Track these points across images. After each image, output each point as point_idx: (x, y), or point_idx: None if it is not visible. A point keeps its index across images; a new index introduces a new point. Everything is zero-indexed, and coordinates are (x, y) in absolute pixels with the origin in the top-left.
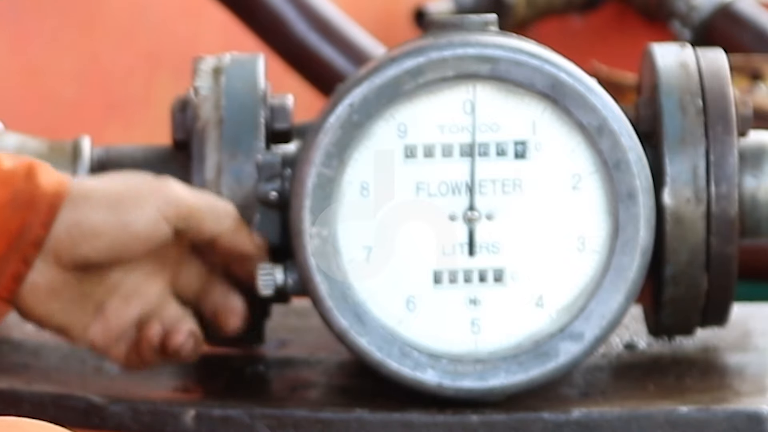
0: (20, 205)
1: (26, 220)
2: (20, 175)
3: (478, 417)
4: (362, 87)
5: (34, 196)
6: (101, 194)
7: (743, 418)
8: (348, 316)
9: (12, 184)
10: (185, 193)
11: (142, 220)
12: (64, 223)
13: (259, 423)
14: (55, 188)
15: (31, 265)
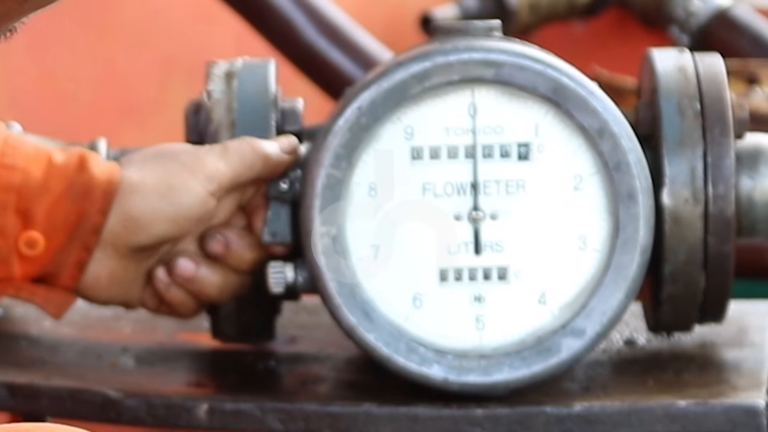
0: (76, 196)
1: (84, 209)
2: (73, 167)
3: (483, 411)
4: (370, 91)
5: (89, 186)
6: (151, 184)
7: (740, 412)
8: (356, 313)
9: (66, 177)
10: (222, 165)
11: (192, 202)
12: (118, 212)
13: (270, 417)
14: (107, 176)
15: (92, 252)
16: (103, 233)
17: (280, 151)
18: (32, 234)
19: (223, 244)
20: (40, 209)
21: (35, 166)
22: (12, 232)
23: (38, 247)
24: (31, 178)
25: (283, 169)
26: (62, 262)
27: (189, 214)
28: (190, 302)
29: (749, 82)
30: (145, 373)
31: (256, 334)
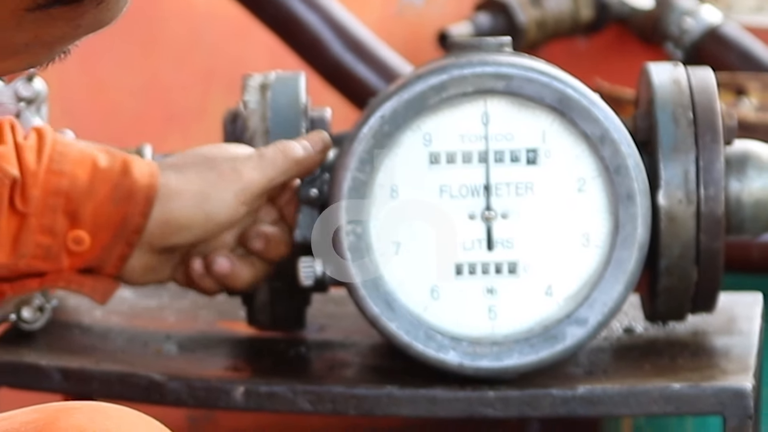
0: (120, 199)
1: (127, 211)
2: (117, 171)
3: (495, 393)
4: (392, 101)
5: (132, 189)
6: (188, 191)
7: (729, 394)
8: (379, 304)
9: (110, 180)
10: (256, 175)
11: (224, 210)
12: (157, 216)
13: (301, 398)
14: (148, 180)
15: (134, 248)
16: (145, 228)
17: (311, 150)
18: (79, 233)
19: (263, 242)
20: (86, 211)
21: (81, 170)
22: (61, 232)
23: (84, 245)
24: (77, 182)
25: (315, 166)
26: (106, 257)
27: (220, 222)
28: (218, 289)
29: (738, 94)
30: (187, 358)
31: (288, 323)
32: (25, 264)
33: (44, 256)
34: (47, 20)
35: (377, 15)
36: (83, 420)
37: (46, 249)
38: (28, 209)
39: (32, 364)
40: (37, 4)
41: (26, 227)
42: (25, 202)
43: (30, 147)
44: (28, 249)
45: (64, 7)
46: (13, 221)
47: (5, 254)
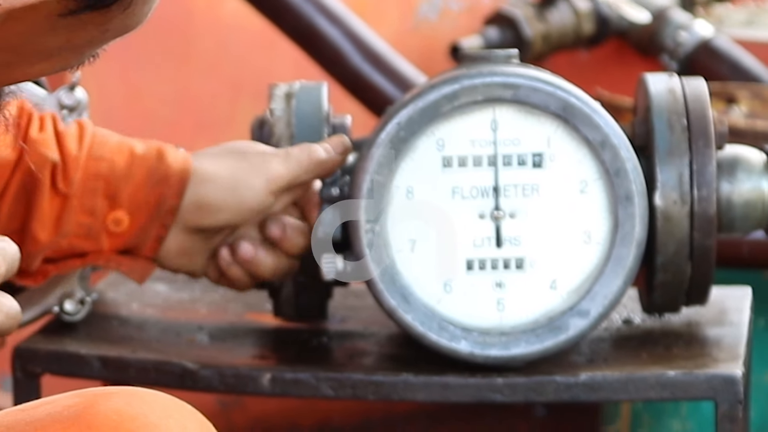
0: (156, 182)
1: (162, 193)
2: (152, 156)
3: (503, 380)
4: (408, 109)
5: (167, 173)
6: (221, 177)
7: (720, 381)
8: (396, 297)
9: (147, 165)
10: (282, 169)
11: (254, 197)
12: (191, 197)
13: (323, 384)
14: (182, 165)
15: (169, 229)
16: (179, 209)
17: (333, 153)
18: (118, 214)
19: (281, 229)
20: (125, 193)
21: (119, 157)
22: (101, 212)
23: (123, 225)
24: (116, 167)
25: (336, 168)
26: (144, 237)
27: (250, 207)
28: (247, 279)
29: (728, 102)
30: (218, 347)
31: (311, 315)
32: (67, 243)
33: (85, 236)
34: (78, 25)
35: (394, 29)
36: (120, 404)
37: (87, 228)
38: (70, 191)
39: (74, 353)
40: (69, 10)
41: (68, 208)
42: (68, 184)
43: (71, 135)
44: (70, 228)
45: (94, 12)
46: (55, 202)
47: (48, 233)
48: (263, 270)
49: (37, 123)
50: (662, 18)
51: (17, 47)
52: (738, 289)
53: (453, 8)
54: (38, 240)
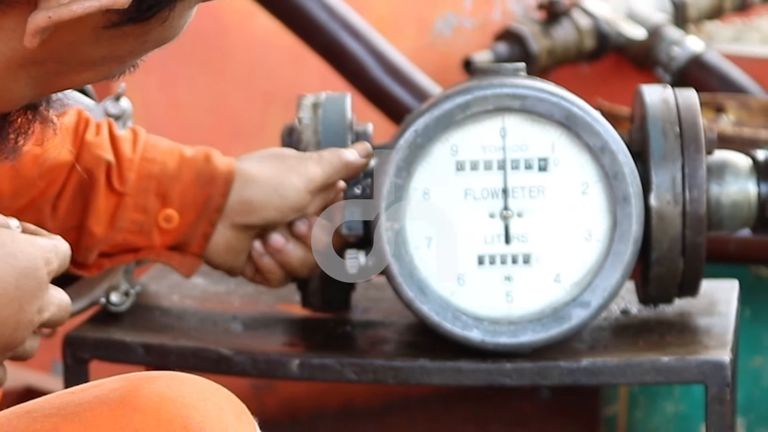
0: (203, 182)
1: (209, 193)
2: (200, 159)
3: (512, 365)
4: (424, 117)
5: (213, 174)
6: (264, 178)
7: (710, 366)
8: (413, 289)
9: (195, 167)
10: (318, 170)
11: (295, 196)
12: (236, 196)
13: (347, 369)
14: (227, 167)
15: (215, 227)
16: (225, 208)
17: (358, 157)
18: (169, 212)
19: (307, 227)
20: (175, 192)
21: (170, 159)
22: (153, 210)
23: (173, 222)
24: (167, 168)
25: (360, 170)
26: (192, 234)
27: (291, 205)
28: (278, 272)
29: (717, 111)
30: (251, 335)
31: (336, 306)
32: (121, 238)
33: (138, 231)
34: (120, 36)
35: (412, 44)
36: (162, 387)
37: (140, 225)
38: (125, 189)
39: (119, 340)
40: (112, 22)
41: (123, 205)
42: (123, 183)
43: (126, 139)
44: (124, 224)
45: (135, 24)
46: (111, 199)
47: (103, 228)
48: (293, 261)
49: (94, 128)
50: (657, 34)
51: (65, 57)
52: (726, 282)
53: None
54: (94, 235)
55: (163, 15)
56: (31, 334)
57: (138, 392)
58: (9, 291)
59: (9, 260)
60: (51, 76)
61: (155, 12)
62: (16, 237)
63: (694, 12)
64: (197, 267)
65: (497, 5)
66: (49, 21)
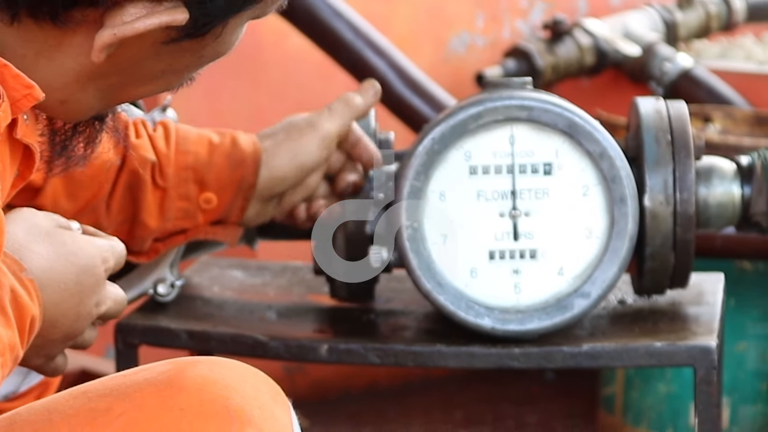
0: (234, 165)
1: (241, 174)
2: (227, 144)
3: (520, 349)
4: (441, 126)
5: (242, 156)
6: (283, 151)
7: (699, 350)
8: (431, 282)
9: (224, 152)
10: (328, 125)
11: (310, 158)
12: (264, 173)
13: (371, 354)
14: (252, 148)
15: (250, 201)
16: (257, 184)
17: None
18: (208, 195)
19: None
20: (210, 177)
21: (201, 148)
22: (194, 196)
23: (213, 203)
24: (200, 157)
25: (369, 109)
26: (230, 209)
27: (309, 168)
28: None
29: (705, 121)
30: (284, 323)
31: (361, 296)
32: (171, 225)
33: (184, 217)
34: (178, 51)
35: (429, 60)
36: (205, 370)
37: (185, 211)
38: (167, 183)
39: (165, 327)
40: (171, 38)
41: (167, 197)
42: (164, 178)
43: (159, 136)
44: (172, 213)
45: (192, 40)
46: (156, 194)
47: (155, 220)
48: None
49: (133, 130)
50: (650, 51)
51: (128, 70)
52: (713, 275)
53: (478, 43)
54: (148, 226)
55: (217, 31)
56: (89, 326)
57: (183, 375)
58: (70, 286)
59: (70, 258)
60: (116, 89)
61: (210, 28)
62: (77, 237)
63: (684, 31)
64: (239, 235)
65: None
66: (114, 38)
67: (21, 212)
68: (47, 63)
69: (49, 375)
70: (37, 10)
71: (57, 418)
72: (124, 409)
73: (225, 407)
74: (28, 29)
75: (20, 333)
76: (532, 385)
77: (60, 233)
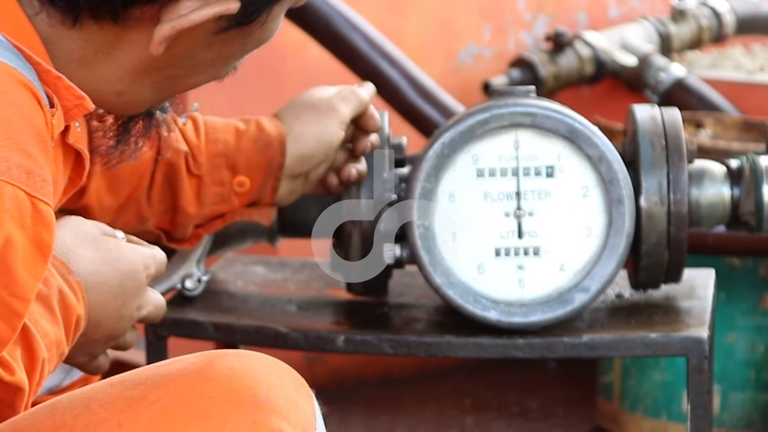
0: (262, 148)
1: (269, 156)
2: (253, 129)
3: (524, 340)
4: (450, 132)
5: (269, 140)
6: (307, 131)
7: (691, 341)
8: (441, 277)
9: (251, 137)
10: (345, 108)
11: (333, 137)
12: (290, 153)
13: (385, 344)
14: (277, 129)
15: (280, 181)
16: (285, 165)
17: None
18: (240, 178)
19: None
20: (241, 161)
21: (229, 135)
22: (227, 181)
23: (245, 186)
24: (229, 144)
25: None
26: (262, 190)
27: (332, 146)
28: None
29: (697, 127)
30: (303, 316)
31: (375, 291)
32: (209, 210)
33: (220, 201)
34: (227, 40)
35: (439, 70)
36: (233, 361)
37: (220, 196)
38: (201, 171)
39: (192, 320)
40: (222, 28)
41: (203, 184)
42: (198, 167)
43: (189, 129)
44: (209, 198)
45: (239, 28)
46: (193, 182)
47: (194, 206)
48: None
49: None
50: (646, 62)
51: (182, 61)
52: (704, 271)
53: (485, 54)
54: (188, 213)
55: (263, 18)
56: (130, 328)
57: (213, 366)
58: (113, 289)
59: (114, 263)
60: (169, 81)
61: (257, 16)
62: (121, 245)
63: (678, 43)
64: (272, 214)
65: (511, 37)
66: (173, 30)
67: (70, 219)
68: (105, 59)
69: (92, 373)
70: (98, 11)
71: (95, 405)
72: (158, 397)
73: (252, 396)
74: (89, 30)
75: (66, 331)
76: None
77: (105, 240)
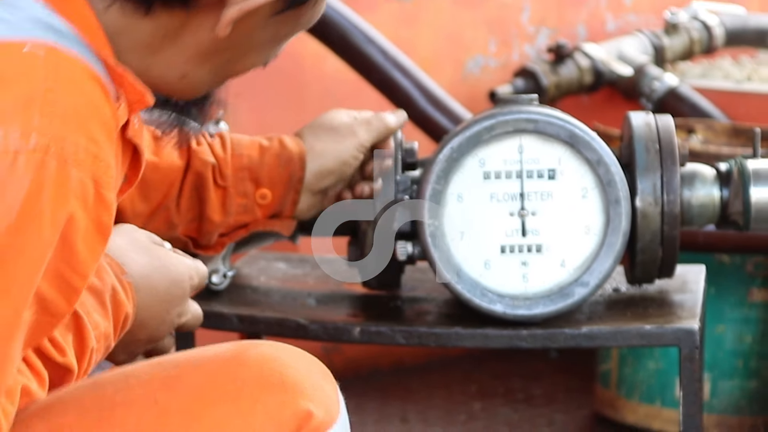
0: (284, 163)
1: (290, 171)
2: (275, 146)
3: (527, 331)
4: (458, 137)
5: (290, 156)
6: (327, 151)
7: (684, 332)
8: (450, 272)
9: (274, 153)
10: (366, 135)
11: (351, 158)
12: (310, 169)
13: (398, 335)
14: (298, 147)
15: (300, 194)
16: (304, 183)
17: (396, 121)
18: (263, 191)
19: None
20: (263, 175)
21: (253, 151)
22: (251, 193)
23: (268, 198)
24: (253, 158)
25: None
26: (283, 203)
27: (350, 167)
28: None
29: (688, 132)
30: (322, 308)
31: (389, 285)
32: (233, 220)
33: (243, 212)
34: (281, 21)
35: (448, 80)
36: (265, 349)
37: (244, 206)
38: (226, 183)
39: (218, 312)
40: (279, 9)
41: (228, 195)
42: (224, 178)
43: (216, 143)
44: (233, 209)
45: (294, 9)
46: (218, 193)
47: (219, 215)
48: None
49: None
50: (641, 72)
51: (240, 43)
52: (696, 267)
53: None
54: (214, 222)
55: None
56: (168, 335)
57: (246, 353)
58: (161, 294)
59: (163, 270)
60: (226, 64)
61: None
62: (170, 255)
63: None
64: (293, 226)
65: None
66: (240, 11)
67: (123, 227)
68: (170, 44)
69: None
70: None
71: (134, 382)
72: (193, 378)
73: (281, 380)
74: (159, 17)
75: (114, 326)
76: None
77: (156, 249)
